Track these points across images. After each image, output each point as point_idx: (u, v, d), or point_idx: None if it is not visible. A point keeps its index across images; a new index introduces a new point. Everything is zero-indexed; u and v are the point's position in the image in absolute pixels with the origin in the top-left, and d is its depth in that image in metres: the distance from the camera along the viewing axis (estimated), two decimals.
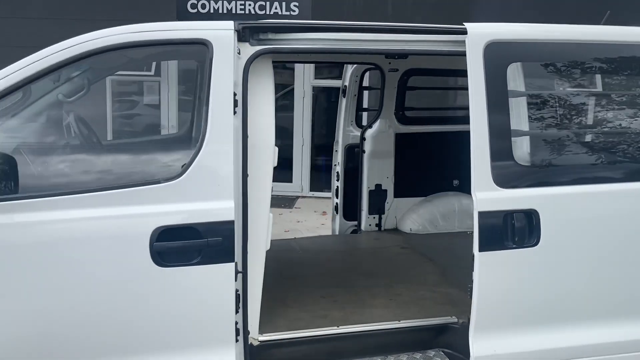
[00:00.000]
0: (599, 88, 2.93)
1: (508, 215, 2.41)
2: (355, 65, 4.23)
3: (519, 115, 2.59)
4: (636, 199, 2.59)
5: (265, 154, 2.40)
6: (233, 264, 2.25)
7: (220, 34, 2.27)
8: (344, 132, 4.37)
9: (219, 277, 2.25)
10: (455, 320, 2.83)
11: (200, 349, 2.30)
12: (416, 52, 2.66)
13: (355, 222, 4.44)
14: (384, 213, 4.47)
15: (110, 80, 7.97)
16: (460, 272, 3.48)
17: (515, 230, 2.41)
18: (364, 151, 4.30)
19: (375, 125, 4.33)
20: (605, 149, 2.73)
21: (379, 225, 4.47)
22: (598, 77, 2.91)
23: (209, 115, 2.24)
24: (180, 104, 8.21)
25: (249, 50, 2.32)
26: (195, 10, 7.18)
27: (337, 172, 4.38)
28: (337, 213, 4.43)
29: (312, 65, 8.23)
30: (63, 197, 2.12)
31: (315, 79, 8.41)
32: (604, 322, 2.62)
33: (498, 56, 2.44)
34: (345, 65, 4.35)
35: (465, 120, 2.43)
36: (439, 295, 3.18)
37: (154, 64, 7.58)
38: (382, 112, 4.33)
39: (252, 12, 7.21)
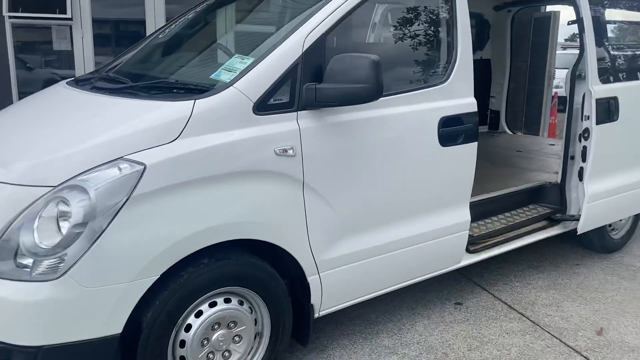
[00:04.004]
0: None
1: (608, 100, 3.72)
2: None
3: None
4: None
5: None
6: (477, 142, 3.15)
7: None
8: None
9: (471, 152, 3.13)
10: (550, 180, 4.10)
11: (454, 206, 3.18)
12: None
13: None
14: None
15: None
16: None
17: (610, 110, 3.74)
18: None
19: None
20: None
21: None
22: None
23: (458, 37, 3.05)
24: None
25: None
26: None
27: None
28: None
29: None
30: (393, 97, 2.79)
31: None
32: None
33: None
34: None
35: None
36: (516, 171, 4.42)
37: None
38: None
39: None
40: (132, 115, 2.32)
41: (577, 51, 4.03)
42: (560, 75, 10.75)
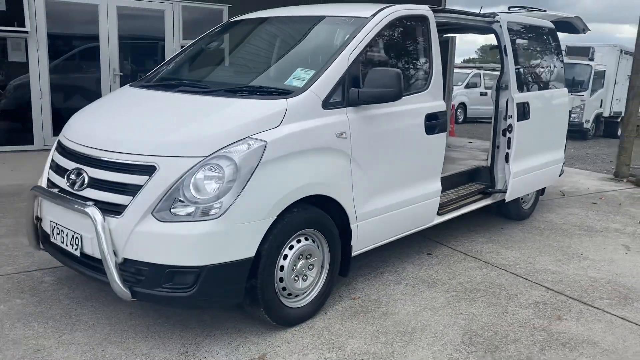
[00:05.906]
0: None
1: (523, 104, 5.21)
2: None
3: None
4: None
5: None
6: (446, 133, 4.43)
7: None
8: None
9: (442, 140, 4.41)
10: (481, 164, 5.52)
11: (432, 179, 4.43)
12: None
13: None
14: None
15: None
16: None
17: (525, 111, 5.23)
18: None
19: None
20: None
21: None
22: None
23: (433, 57, 4.33)
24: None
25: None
26: None
27: None
28: None
29: None
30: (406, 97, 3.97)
31: None
32: None
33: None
34: None
35: None
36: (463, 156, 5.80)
37: None
38: None
39: None
40: (245, 108, 3.31)
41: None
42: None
